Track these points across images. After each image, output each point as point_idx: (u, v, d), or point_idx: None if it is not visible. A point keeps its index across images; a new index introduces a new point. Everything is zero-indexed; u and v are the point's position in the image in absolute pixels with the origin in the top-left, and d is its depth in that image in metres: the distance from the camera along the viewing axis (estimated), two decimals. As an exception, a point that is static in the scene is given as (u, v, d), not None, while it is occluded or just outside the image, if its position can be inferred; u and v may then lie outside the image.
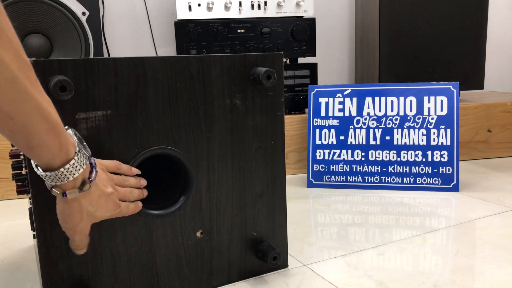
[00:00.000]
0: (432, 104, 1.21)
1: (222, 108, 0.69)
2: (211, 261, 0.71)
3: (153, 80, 0.63)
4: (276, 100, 0.73)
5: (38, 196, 0.57)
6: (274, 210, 0.75)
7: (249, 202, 0.73)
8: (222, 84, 0.68)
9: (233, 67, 0.69)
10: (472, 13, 1.59)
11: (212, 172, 0.70)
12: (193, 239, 0.70)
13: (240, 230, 0.73)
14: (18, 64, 0.42)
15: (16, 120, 0.44)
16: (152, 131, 0.64)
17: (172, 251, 0.68)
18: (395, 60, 1.59)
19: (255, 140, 0.72)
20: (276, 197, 0.75)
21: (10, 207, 1.18)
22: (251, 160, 0.72)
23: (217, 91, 0.68)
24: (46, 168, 0.51)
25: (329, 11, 1.90)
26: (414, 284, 0.71)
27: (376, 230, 0.94)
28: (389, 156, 1.23)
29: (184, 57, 0.65)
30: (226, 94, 0.69)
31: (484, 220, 0.98)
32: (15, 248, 0.90)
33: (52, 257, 0.60)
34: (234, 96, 0.70)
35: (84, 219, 0.56)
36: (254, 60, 0.70)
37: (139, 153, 0.64)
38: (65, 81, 0.56)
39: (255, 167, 0.73)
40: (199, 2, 1.40)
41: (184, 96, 0.66)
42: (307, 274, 0.76)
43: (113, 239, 0.64)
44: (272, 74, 0.68)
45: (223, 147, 0.70)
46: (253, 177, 0.73)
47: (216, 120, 0.69)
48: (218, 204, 0.71)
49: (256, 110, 0.72)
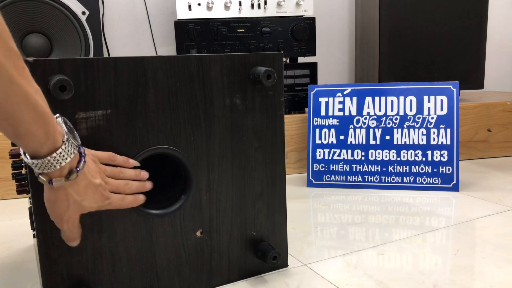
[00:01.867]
0: (432, 103, 1.21)
1: (222, 107, 0.69)
2: (211, 261, 0.71)
3: (153, 79, 0.63)
4: (276, 99, 0.73)
5: (38, 196, 0.57)
6: (274, 210, 0.75)
7: (249, 201, 0.73)
8: (222, 84, 0.68)
9: (233, 67, 0.69)
10: (472, 13, 1.59)
11: (212, 171, 0.70)
12: (193, 239, 0.70)
13: (240, 229, 0.73)
14: (5, 53, 0.42)
15: (2, 108, 0.44)
16: (152, 130, 0.64)
17: (172, 251, 0.68)
18: (395, 59, 1.59)
19: (255, 139, 0.72)
20: (276, 197, 0.75)
21: (10, 207, 1.18)
22: (251, 160, 0.72)
23: (217, 91, 0.68)
24: (33, 156, 0.51)
25: (329, 11, 1.90)
26: (414, 283, 0.71)
27: (376, 230, 0.94)
28: (389, 155, 1.23)
29: (184, 56, 0.65)
30: (226, 93, 0.69)
31: (484, 219, 0.98)
32: (15, 248, 0.90)
33: (52, 257, 0.60)
34: (234, 95, 0.70)
35: (71, 208, 0.56)
36: (254, 60, 0.70)
37: (139, 152, 0.64)
38: (64, 80, 0.56)
39: (255, 166, 0.73)
40: (199, 2, 1.39)
41: (184, 95, 0.66)
42: (307, 273, 0.76)
43: (113, 239, 0.64)
44: (272, 74, 0.68)
45: (223, 147, 0.70)
46: (253, 176, 0.73)
47: (216, 119, 0.69)
48: (218, 203, 0.71)
49: (256, 109, 0.72)
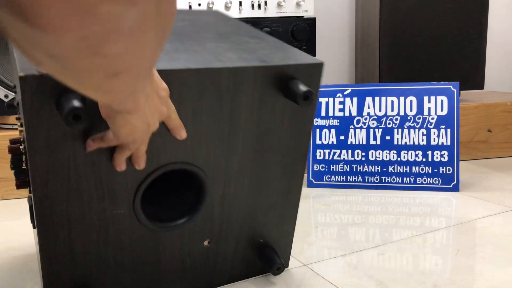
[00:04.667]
0: (433, 104, 1.21)
1: (249, 122, 0.63)
2: (215, 266, 0.71)
3: (178, 92, 0.56)
4: (307, 114, 0.66)
5: (39, 192, 0.55)
6: (285, 219, 0.73)
7: (261, 212, 0.70)
8: (252, 97, 0.61)
9: (266, 79, 0.61)
10: (472, 13, 1.59)
11: (228, 186, 0.66)
12: (200, 247, 0.68)
13: (247, 237, 0.71)
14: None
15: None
16: (171, 145, 0.59)
17: (177, 259, 0.67)
18: (395, 60, 1.59)
19: (278, 154, 0.67)
20: (289, 207, 0.73)
21: (10, 207, 1.18)
22: (270, 174, 0.68)
23: (245, 104, 0.61)
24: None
25: (329, 11, 1.90)
26: (414, 284, 0.71)
27: (376, 230, 0.94)
28: (389, 156, 1.23)
29: (215, 69, 0.57)
30: (255, 107, 0.62)
31: (485, 220, 0.98)
32: (15, 248, 0.90)
33: (53, 257, 0.60)
34: (264, 109, 0.63)
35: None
36: (291, 72, 0.61)
37: (156, 168, 0.59)
38: (79, 109, 0.46)
39: (273, 179, 0.69)
40: (199, 2, 1.40)
41: (209, 108, 0.59)
42: (307, 274, 0.76)
43: (118, 251, 0.62)
44: (310, 95, 0.58)
45: (243, 162, 0.65)
46: (269, 188, 0.69)
47: (241, 134, 0.63)
48: (230, 215, 0.68)
49: (284, 124, 0.65)
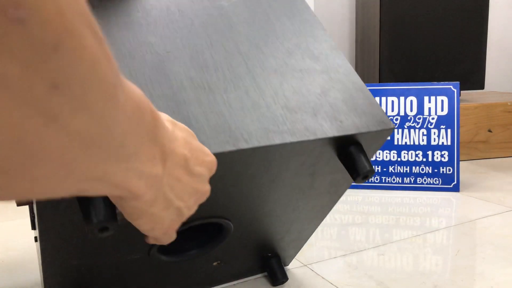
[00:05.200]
0: (433, 104, 1.21)
1: (289, 187, 0.56)
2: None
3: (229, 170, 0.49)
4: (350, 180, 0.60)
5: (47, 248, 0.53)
6: (300, 240, 0.72)
7: (277, 236, 0.67)
8: (301, 167, 0.53)
9: (320, 153, 0.52)
10: (472, 13, 1.59)
11: (251, 225, 0.62)
12: (208, 267, 0.67)
13: (257, 253, 0.70)
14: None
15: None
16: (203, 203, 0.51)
17: (184, 276, 0.66)
18: (395, 60, 1.59)
19: (310, 203, 0.62)
20: (308, 232, 0.70)
21: (10, 207, 1.18)
22: (297, 212, 0.63)
23: (291, 173, 0.53)
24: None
25: (329, 11, 1.90)
26: (414, 284, 0.71)
27: (377, 230, 0.94)
28: (389, 156, 1.23)
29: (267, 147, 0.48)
30: (302, 174, 0.54)
31: (485, 220, 0.98)
32: (15, 248, 0.90)
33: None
34: (308, 175, 0.55)
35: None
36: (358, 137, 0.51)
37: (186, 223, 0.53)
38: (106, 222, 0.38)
39: (299, 216, 0.64)
40: None
41: (255, 178, 0.52)
42: (307, 274, 0.76)
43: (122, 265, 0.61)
44: (370, 175, 0.51)
45: (273, 209, 0.60)
46: (292, 226, 0.66)
47: (277, 198, 0.58)
48: (246, 242, 0.65)
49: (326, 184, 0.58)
